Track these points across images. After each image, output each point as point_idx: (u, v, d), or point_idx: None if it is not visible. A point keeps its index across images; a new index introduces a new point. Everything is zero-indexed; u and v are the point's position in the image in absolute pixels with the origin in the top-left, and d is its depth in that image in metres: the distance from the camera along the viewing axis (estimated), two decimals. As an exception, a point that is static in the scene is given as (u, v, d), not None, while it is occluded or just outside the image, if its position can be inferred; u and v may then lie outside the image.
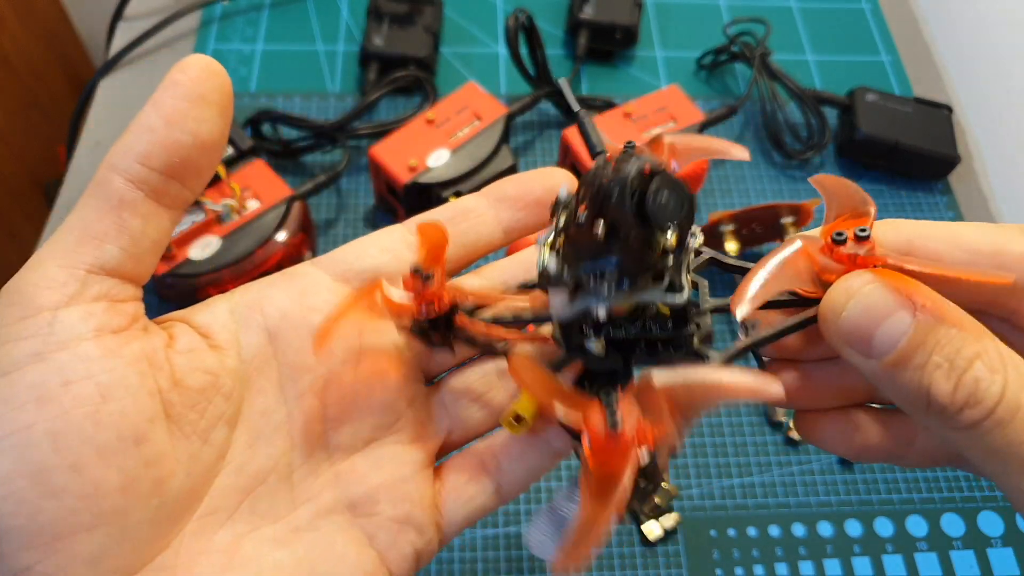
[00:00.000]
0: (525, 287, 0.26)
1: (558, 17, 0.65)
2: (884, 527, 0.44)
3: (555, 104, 0.58)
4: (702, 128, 0.54)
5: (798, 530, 0.44)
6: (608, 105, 0.56)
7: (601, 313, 0.22)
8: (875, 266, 0.21)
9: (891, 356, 0.19)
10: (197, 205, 0.47)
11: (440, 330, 0.25)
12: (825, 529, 0.44)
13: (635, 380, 0.20)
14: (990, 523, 0.44)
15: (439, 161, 0.50)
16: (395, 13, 0.60)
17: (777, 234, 0.51)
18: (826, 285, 0.21)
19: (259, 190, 0.49)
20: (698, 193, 0.55)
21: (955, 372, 0.19)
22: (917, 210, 0.57)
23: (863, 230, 0.21)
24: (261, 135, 0.54)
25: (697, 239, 0.23)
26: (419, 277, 0.24)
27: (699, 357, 0.23)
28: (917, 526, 0.44)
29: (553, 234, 0.23)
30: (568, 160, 0.53)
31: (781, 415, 0.47)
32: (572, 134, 0.52)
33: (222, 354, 0.24)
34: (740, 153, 0.26)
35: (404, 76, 0.57)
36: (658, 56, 0.64)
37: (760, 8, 0.67)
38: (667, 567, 0.42)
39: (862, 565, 0.43)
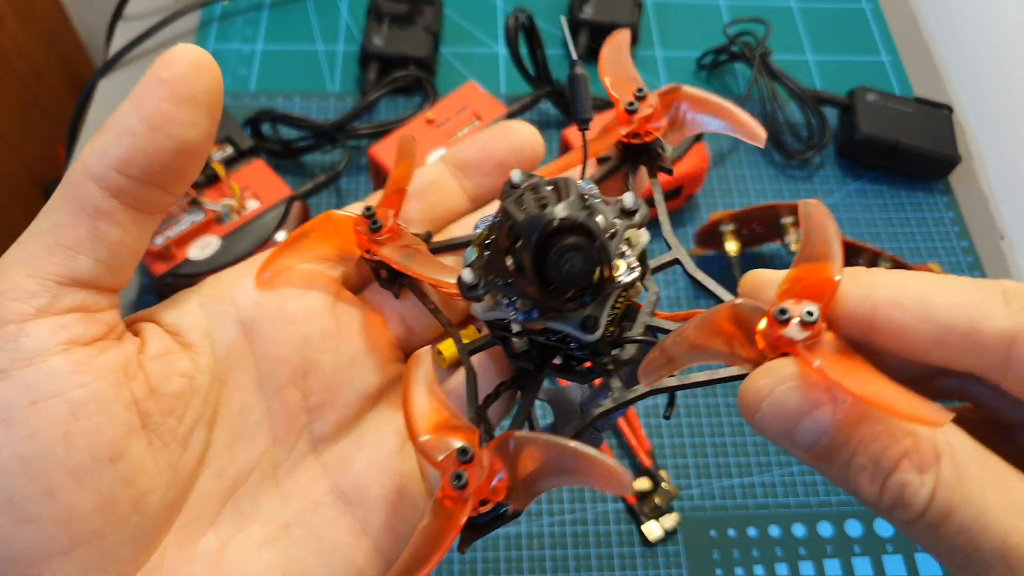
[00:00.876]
0: (456, 246, 0.26)
1: (558, 17, 0.65)
2: (884, 527, 0.44)
3: (555, 104, 0.58)
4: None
5: (798, 530, 0.44)
6: (608, 105, 0.56)
7: (515, 327, 0.22)
8: (810, 363, 0.18)
9: (812, 452, 0.18)
10: (197, 205, 0.47)
11: (386, 274, 0.25)
12: (825, 529, 0.44)
13: (501, 435, 0.20)
14: (990, 523, 0.44)
15: (439, 161, 0.50)
16: (395, 13, 0.60)
17: (777, 234, 0.51)
18: (761, 354, 0.19)
19: (259, 190, 0.49)
20: (698, 193, 0.55)
21: (880, 474, 0.17)
22: (917, 210, 0.57)
23: (810, 313, 0.18)
24: (261, 135, 0.54)
25: (634, 273, 0.21)
26: (368, 219, 0.24)
27: (607, 381, 0.22)
28: (917, 526, 0.44)
29: (486, 230, 0.22)
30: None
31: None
32: (573, 134, 0.52)
33: (195, 353, 0.23)
34: (756, 132, 0.25)
35: (404, 76, 0.57)
36: (658, 56, 0.64)
37: (760, 8, 0.67)
38: (667, 567, 0.42)
39: (862, 565, 0.43)
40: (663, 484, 0.44)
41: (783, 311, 0.18)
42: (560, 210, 0.19)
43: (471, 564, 0.42)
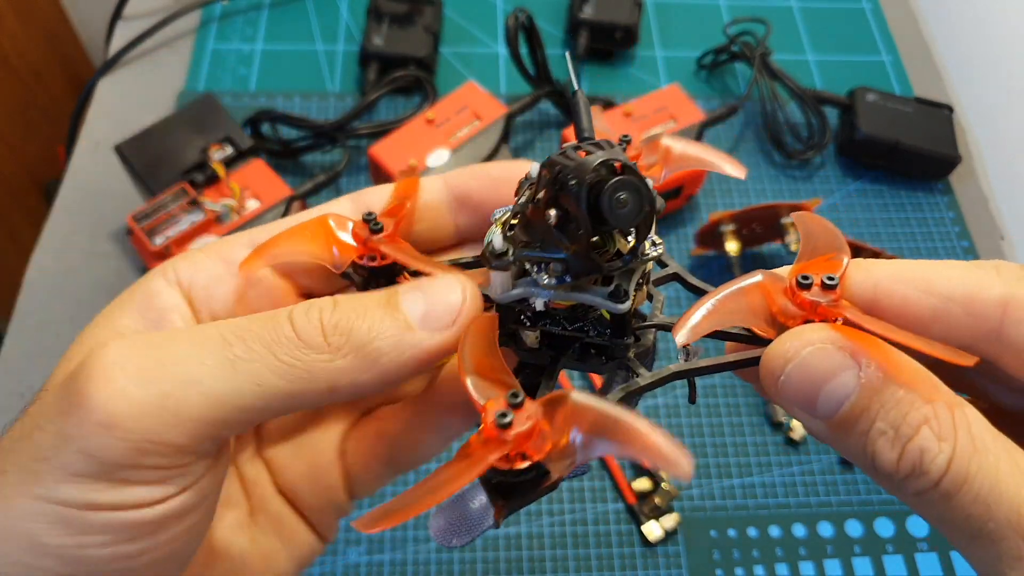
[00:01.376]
0: (467, 264, 0.25)
1: (558, 17, 0.65)
2: (885, 527, 0.44)
3: (555, 104, 0.58)
4: (703, 127, 0.53)
5: (798, 530, 0.44)
6: (608, 104, 0.56)
7: (539, 304, 0.21)
8: (835, 319, 0.19)
9: (834, 419, 0.18)
10: (197, 205, 0.47)
11: (379, 283, 0.24)
12: (825, 529, 0.44)
13: (558, 391, 0.19)
14: (991, 523, 0.44)
15: (439, 160, 0.50)
16: (395, 13, 0.60)
17: (777, 234, 0.51)
18: (781, 328, 0.20)
19: (259, 190, 0.49)
20: (698, 193, 0.55)
21: (900, 440, 0.17)
22: (917, 210, 0.57)
23: (831, 278, 0.20)
24: (261, 135, 0.54)
25: (658, 249, 0.21)
26: (368, 224, 0.24)
27: (629, 371, 0.22)
28: (918, 526, 0.44)
29: (510, 212, 0.22)
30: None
31: (782, 416, 0.47)
32: (572, 134, 0.52)
33: None
34: (735, 171, 0.25)
35: (404, 76, 0.57)
36: (658, 56, 0.64)
37: (760, 8, 0.67)
38: (667, 567, 0.42)
39: (862, 565, 0.43)
40: (663, 484, 0.44)
41: (805, 276, 0.20)
42: (610, 154, 0.19)
43: (471, 565, 0.42)
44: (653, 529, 0.43)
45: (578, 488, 0.44)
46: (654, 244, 0.21)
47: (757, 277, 0.21)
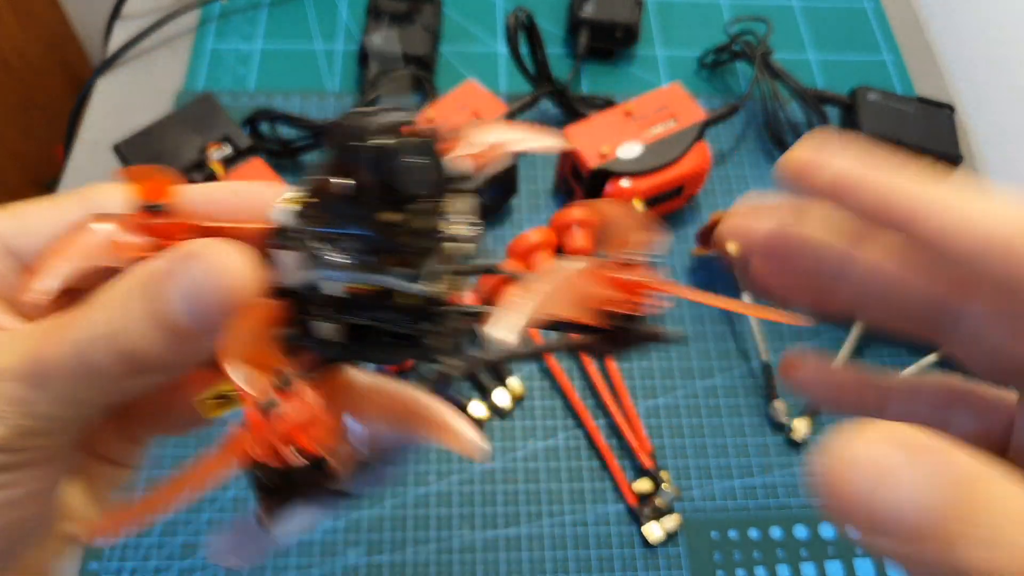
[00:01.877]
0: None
1: (558, 15, 0.65)
2: (886, 529, 0.44)
3: (555, 103, 0.57)
4: (704, 126, 0.53)
5: (800, 532, 0.44)
6: (609, 103, 0.56)
7: (336, 289, 0.18)
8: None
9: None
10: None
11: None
12: (826, 530, 0.44)
13: (341, 371, 0.17)
14: (993, 525, 0.44)
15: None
16: (394, 12, 0.59)
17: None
18: (608, 315, 0.19)
19: (257, 189, 0.48)
20: (699, 193, 0.55)
21: None
22: (919, 210, 0.57)
23: (634, 253, 0.19)
24: (259, 134, 0.54)
25: (475, 231, 0.19)
26: (150, 212, 0.19)
27: (432, 361, 0.19)
28: (920, 528, 0.44)
29: (301, 190, 0.19)
30: (568, 161, 0.52)
31: (783, 416, 0.46)
32: (573, 132, 0.51)
33: None
34: (545, 144, 0.22)
35: (403, 75, 0.57)
36: (659, 55, 0.64)
37: (761, 7, 0.67)
38: (668, 568, 0.42)
39: (864, 567, 0.43)
40: (664, 485, 0.44)
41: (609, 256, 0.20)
42: (397, 116, 0.17)
43: (470, 566, 0.42)
44: (654, 530, 0.42)
45: (578, 490, 0.44)
46: (472, 225, 0.19)
47: (578, 265, 0.19)
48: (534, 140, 0.22)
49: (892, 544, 0.14)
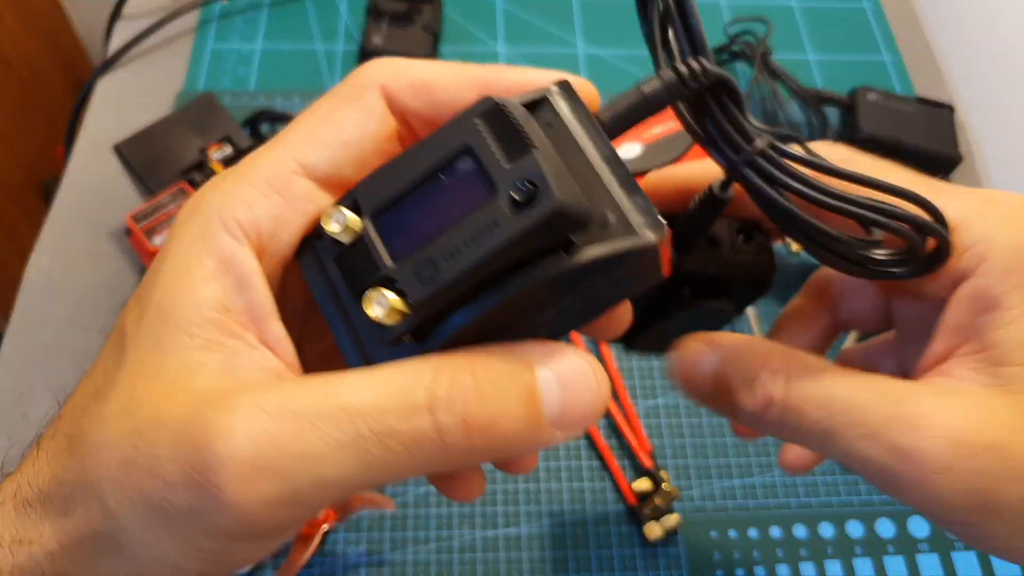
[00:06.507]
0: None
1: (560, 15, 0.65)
2: (886, 528, 0.44)
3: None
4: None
5: (799, 531, 0.44)
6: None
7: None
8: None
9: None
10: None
11: None
12: (826, 530, 0.44)
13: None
14: (992, 524, 0.44)
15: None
16: (394, 12, 0.60)
17: (778, 233, 0.51)
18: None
19: (258, 190, 0.49)
20: (699, 193, 0.55)
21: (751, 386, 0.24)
22: (918, 210, 0.57)
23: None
24: (260, 134, 0.54)
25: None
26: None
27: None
28: (919, 527, 0.44)
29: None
30: None
31: (782, 416, 0.47)
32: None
33: None
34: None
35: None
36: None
37: (761, 7, 0.67)
38: (667, 568, 0.42)
39: (863, 566, 0.43)
40: (664, 485, 0.44)
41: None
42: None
43: (470, 566, 0.42)
44: (653, 530, 0.43)
45: (578, 489, 0.44)
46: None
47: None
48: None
49: (702, 399, 0.26)
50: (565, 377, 0.19)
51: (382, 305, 0.18)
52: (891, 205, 0.21)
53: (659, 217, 0.19)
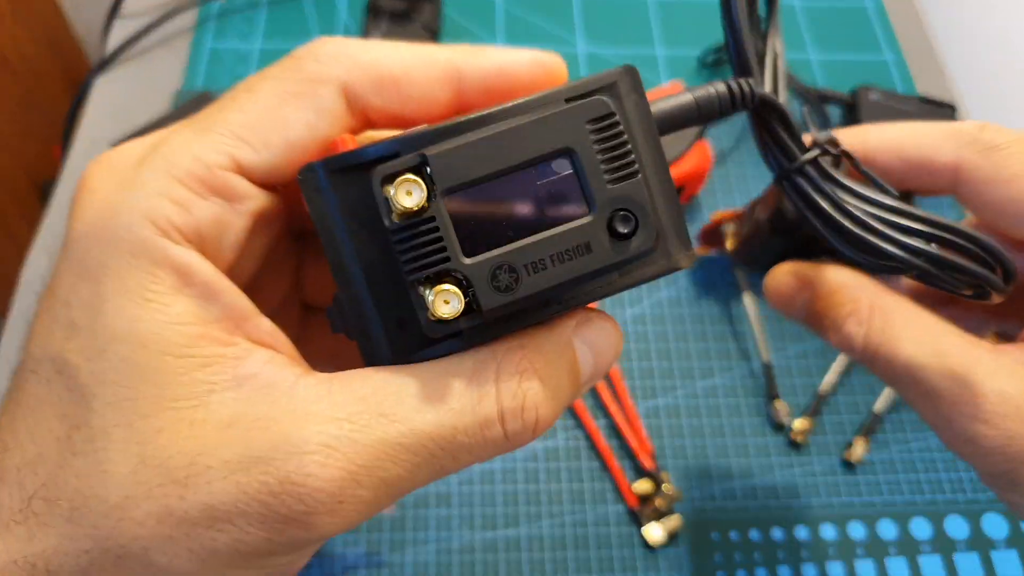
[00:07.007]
0: None
1: (557, 13, 0.65)
2: (887, 529, 0.44)
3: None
4: (705, 126, 0.53)
5: (801, 532, 0.43)
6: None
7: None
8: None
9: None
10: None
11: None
12: (828, 532, 0.44)
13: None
14: (994, 525, 0.44)
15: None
16: (393, 10, 0.59)
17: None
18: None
19: (256, 189, 0.48)
20: (700, 192, 0.55)
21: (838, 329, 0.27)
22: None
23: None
24: (258, 133, 0.54)
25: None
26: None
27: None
28: (921, 529, 0.44)
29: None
30: None
31: (783, 417, 0.46)
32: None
33: None
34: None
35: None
36: (659, 54, 0.63)
37: (762, 5, 0.66)
38: (668, 570, 0.42)
39: (865, 568, 0.42)
40: (664, 486, 0.43)
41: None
42: None
43: (469, 567, 0.41)
44: (654, 531, 0.42)
45: (578, 490, 0.44)
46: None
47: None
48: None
49: (799, 318, 0.29)
50: (594, 342, 0.20)
51: (452, 305, 0.17)
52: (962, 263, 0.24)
53: (688, 237, 0.20)
